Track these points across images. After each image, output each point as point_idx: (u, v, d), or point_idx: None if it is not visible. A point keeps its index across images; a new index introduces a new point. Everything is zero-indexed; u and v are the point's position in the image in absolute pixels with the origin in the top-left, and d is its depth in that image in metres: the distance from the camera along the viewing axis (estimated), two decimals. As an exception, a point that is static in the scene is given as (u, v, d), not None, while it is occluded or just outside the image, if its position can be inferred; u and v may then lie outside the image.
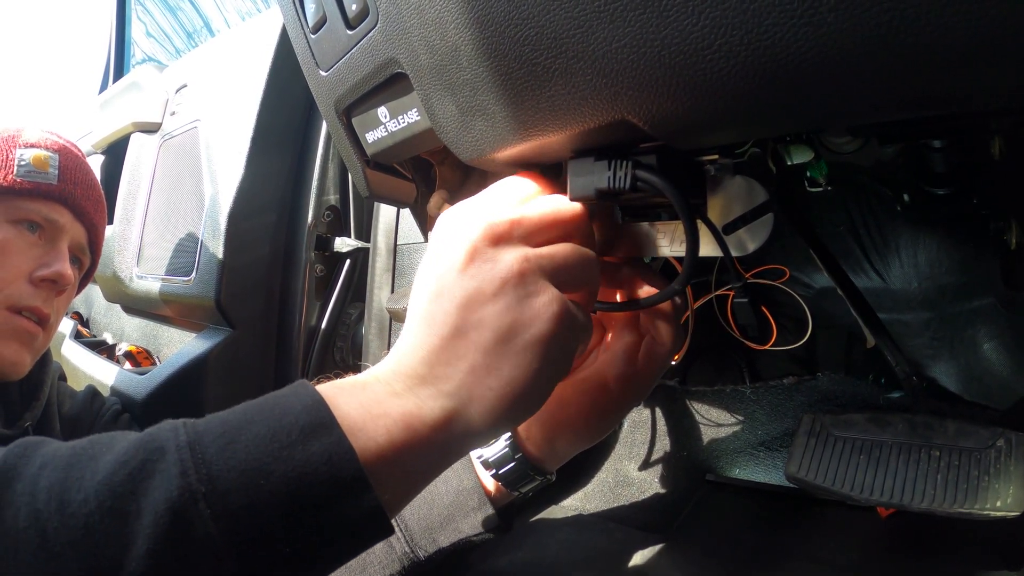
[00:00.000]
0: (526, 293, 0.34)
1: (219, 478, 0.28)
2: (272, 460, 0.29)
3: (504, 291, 0.34)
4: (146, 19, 2.20)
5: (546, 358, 0.34)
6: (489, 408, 0.33)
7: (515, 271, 0.34)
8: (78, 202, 0.81)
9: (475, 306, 0.34)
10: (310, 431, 0.30)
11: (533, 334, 0.33)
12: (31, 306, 0.75)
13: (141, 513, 0.27)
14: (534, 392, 0.34)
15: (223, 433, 0.30)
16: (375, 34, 0.42)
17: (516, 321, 0.33)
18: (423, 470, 0.34)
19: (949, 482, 0.46)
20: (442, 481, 0.50)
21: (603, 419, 0.48)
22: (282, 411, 0.31)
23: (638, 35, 0.28)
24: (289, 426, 0.30)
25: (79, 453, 0.29)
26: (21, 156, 0.77)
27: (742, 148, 0.44)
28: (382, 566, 0.49)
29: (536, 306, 0.34)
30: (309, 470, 0.29)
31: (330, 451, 0.30)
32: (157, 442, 0.29)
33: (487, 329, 0.34)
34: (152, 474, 0.28)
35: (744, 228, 0.43)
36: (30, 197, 0.77)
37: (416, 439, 0.32)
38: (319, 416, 0.31)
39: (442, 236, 0.37)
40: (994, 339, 0.59)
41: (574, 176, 0.39)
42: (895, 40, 0.23)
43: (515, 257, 0.35)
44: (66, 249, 0.80)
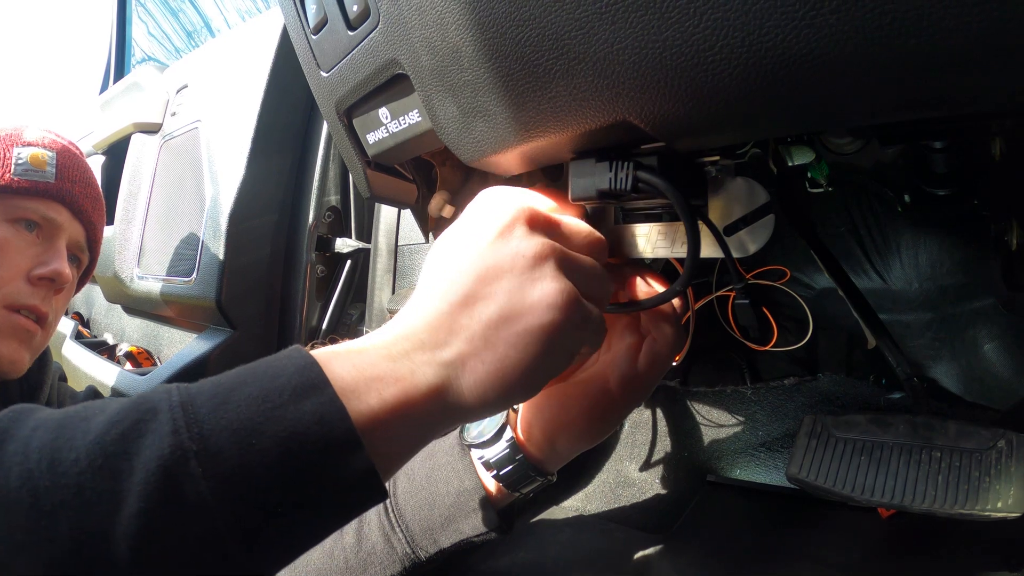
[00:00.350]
0: (541, 276, 0.34)
1: (211, 437, 0.28)
2: (264, 420, 0.29)
3: (522, 270, 0.34)
4: (147, 19, 2.21)
5: (545, 345, 0.34)
6: (479, 383, 0.33)
7: (537, 253, 0.34)
8: (76, 201, 0.81)
9: (490, 278, 0.34)
10: (302, 391, 0.30)
11: (537, 319, 0.33)
12: (29, 304, 0.75)
13: (133, 471, 0.27)
14: (526, 377, 0.34)
15: (216, 394, 0.29)
16: (376, 35, 0.42)
17: (523, 302, 0.34)
18: (413, 437, 0.34)
19: (950, 483, 0.46)
20: (443, 482, 0.50)
21: (604, 420, 0.48)
22: (275, 373, 0.31)
23: (639, 36, 0.28)
24: (281, 387, 0.30)
25: (71, 415, 0.29)
26: (19, 155, 0.77)
27: (743, 149, 0.44)
28: (383, 566, 0.49)
29: (547, 290, 0.34)
30: (300, 429, 0.29)
31: (322, 411, 0.29)
32: (150, 403, 0.29)
33: (494, 303, 0.34)
34: (144, 433, 0.28)
35: (745, 229, 0.43)
36: (28, 196, 0.77)
37: (408, 404, 0.32)
38: (311, 377, 0.30)
39: (481, 206, 0.38)
40: (995, 340, 0.59)
41: (575, 177, 0.39)
42: (896, 42, 0.23)
43: (541, 242, 0.35)
44: (64, 248, 0.80)
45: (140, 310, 1.42)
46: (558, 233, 0.37)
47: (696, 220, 0.39)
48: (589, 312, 0.36)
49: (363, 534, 0.50)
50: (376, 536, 0.50)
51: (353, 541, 0.50)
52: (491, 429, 0.49)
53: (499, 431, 0.49)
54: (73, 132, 1.98)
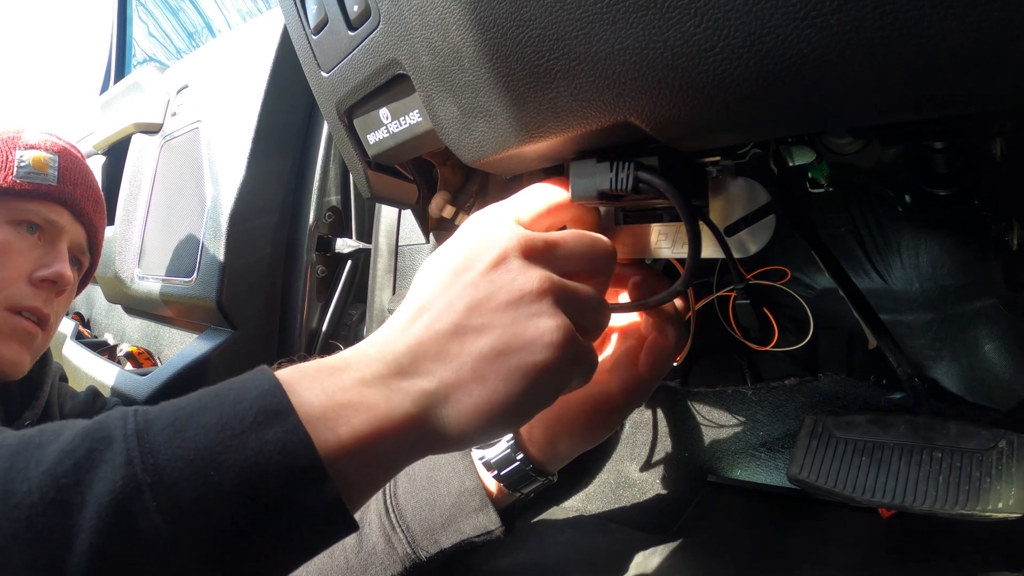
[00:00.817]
0: (538, 312, 0.33)
1: (166, 468, 0.26)
2: (223, 449, 0.27)
3: (519, 305, 0.33)
4: (147, 20, 2.21)
5: (537, 383, 0.32)
6: (464, 415, 0.32)
7: (535, 288, 0.33)
8: (77, 203, 0.82)
9: (484, 310, 0.33)
10: (264, 419, 0.28)
11: (532, 355, 0.32)
12: (31, 306, 0.75)
13: (84, 505, 0.25)
14: (515, 413, 0.33)
15: (174, 421, 0.28)
16: (377, 35, 0.42)
17: (519, 337, 0.32)
18: (385, 466, 0.33)
19: (951, 483, 0.46)
20: (444, 482, 0.50)
21: (605, 421, 0.48)
22: (236, 397, 0.29)
23: (640, 37, 0.28)
24: (243, 413, 0.28)
25: (26, 442, 0.28)
26: (21, 157, 0.77)
27: (744, 149, 0.44)
28: (384, 567, 0.49)
29: (543, 328, 0.33)
30: (262, 460, 0.27)
31: (284, 440, 0.28)
32: (104, 431, 0.28)
33: (488, 337, 0.32)
34: (97, 464, 0.26)
35: (746, 230, 0.43)
36: (30, 198, 0.77)
37: (380, 434, 0.30)
38: (275, 402, 0.29)
39: (472, 233, 0.36)
40: (996, 340, 0.59)
41: (576, 177, 0.39)
42: (897, 42, 0.23)
43: (540, 276, 0.34)
44: (66, 250, 0.81)
45: (141, 310, 1.42)
46: (556, 256, 0.36)
47: (697, 220, 0.39)
48: (584, 349, 0.35)
49: (364, 534, 0.50)
50: (377, 536, 0.50)
51: (354, 542, 0.50)
52: None
53: None
54: (74, 132, 1.98)
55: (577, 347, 0.34)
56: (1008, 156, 0.46)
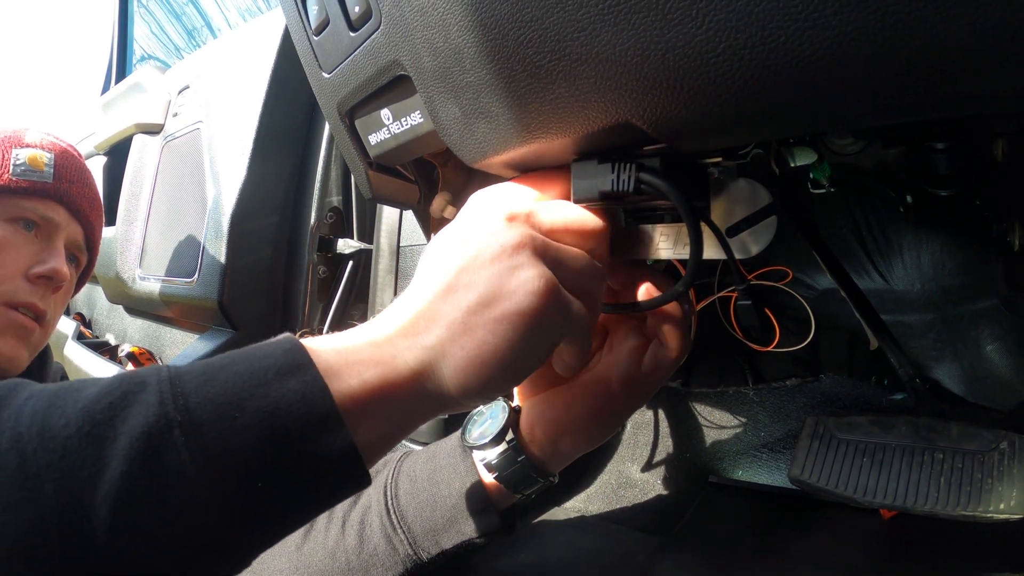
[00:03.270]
0: (518, 264, 0.35)
1: (195, 409, 0.28)
2: (248, 396, 0.29)
3: (499, 259, 0.35)
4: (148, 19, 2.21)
5: (521, 331, 0.34)
6: (458, 368, 0.34)
7: (514, 242, 0.35)
8: (74, 200, 0.82)
9: (470, 269, 0.35)
10: (287, 371, 0.31)
11: (514, 304, 0.34)
12: (27, 302, 0.76)
13: (117, 438, 0.27)
14: (504, 363, 0.34)
15: (203, 371, 0.30)
16: (378, 36, 0.42)
17: (501, 288, 0.34)
18: (395, 421, 0.34)
19: (952, 485, 0.46)
20: (445, 483, 0.50)
21: (606, 421, 0.48)
22: (262, 354, 0.32)
23: (642, 38, 0.28)
24: (267, 366, 0.31)
25: (66, 387, 0.30)
26: (17, 156, 0.78)
27: (745, 150, 0.44)
28: (385, 568, 0.49)
29: (523, 278, 0.34)
30: (283, 406, 0.30)
31: (304, 389, 0.30)
32: (140, 377, 0.30)
33: (473, 291, 0.34)
34: (132, 403, 0.28)
35: (748, 230, 0.43)
36: (26, 196, 0.78)
37: (389, 387, 0.33)
38: (296, 358, 0.31)
39: (468, 208, 0.39)
40: (997, 341, 0.59)
41: (577, 178, 0.39)
42: (899, 43, 0.23)
43: (520, 231, 0.36)
44: (62, 247, 0.81)
45: (142, 311, 1.42)
46: (540, 221, 0.38)
47: (699, 221, 0.39)
48: (569, 303, 0.36)
49: (365, 535, 0.50)
50: (378, 537, 0.50)
51: (355, 543, 0.50)
52: (493, 430, 0.49)
53: (501, 432, 0.49)
54: (75, 133, 1.99)
55: (560, 298, 0.35)
56: (1009, 157, 0.46)
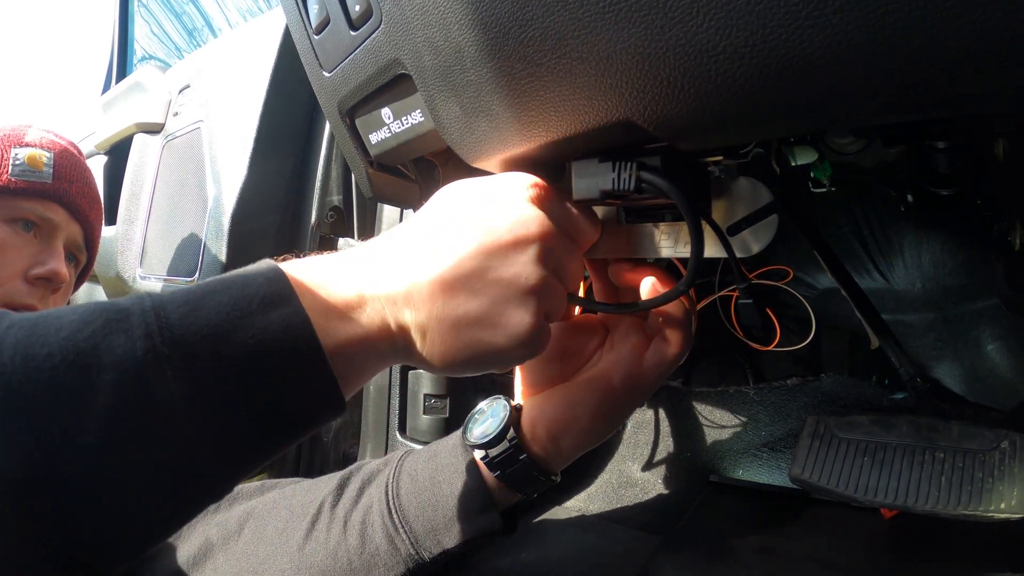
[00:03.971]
0: (523, 304, 0.36)
1: (182, 341, 0.28)
2: (233, 327, 0.30)
3: (511, 288, 0.36)
4: (148, 19, 2.21)
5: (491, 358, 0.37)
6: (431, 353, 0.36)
7: (533, 284, 0.36)
8: (73, 200, 0.82)
9: (485, 278, 0.36)
10: (270, 301, 0.31)
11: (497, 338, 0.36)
12: (27, 304, 0.76)
13: (104, 368, 0.27)
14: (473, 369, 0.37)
15: (187, 301, 0.30)
16: (379, 35, 0.42)
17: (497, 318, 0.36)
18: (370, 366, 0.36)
19: (953, 484, 0.46)
20: (447, 483, 0.50)
21: (607, 419, 0.48)
22: (244, 283, 0.32)
23: (643, 36, 0.28)
24: (250, 296, 0.31)
25: (45, 315, 0.30)
26: (16, 155, 0.78)
27: (746, 149, 0.44)
28: (387, 567, 0.49)
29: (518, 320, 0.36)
30: (268, 337, 0.30)
31: (287, 321, 0.31)
32: (119, 305, 0.29)
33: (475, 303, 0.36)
34: (116, 332, 0.28)
35: (748, 229, 0.43)
36: (25, 196, 0.78)
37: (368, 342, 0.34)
38: (279, 288, 0.32)
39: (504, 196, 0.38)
40: (998, 340, 0.59)
41: (578, 177, 0.39)
42: (899, 42, 0.23)
43: (541, 275, 0.37)
44: (61, 247, 0.81)
45: (142, 310, 1.42)
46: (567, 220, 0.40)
47: (699, 220, 0.39)
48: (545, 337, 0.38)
49: (367, 535, 0.50)
50: (380, 537, 0.50)
51: (357, 542, 0.50)
52: (494, 429, 0.49)
53: (502, 431, 0.49)
54: (76, 132, 1.98)
55: (539, 337, 0.37)
56: (1010, 156, 0.46)
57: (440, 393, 0.77)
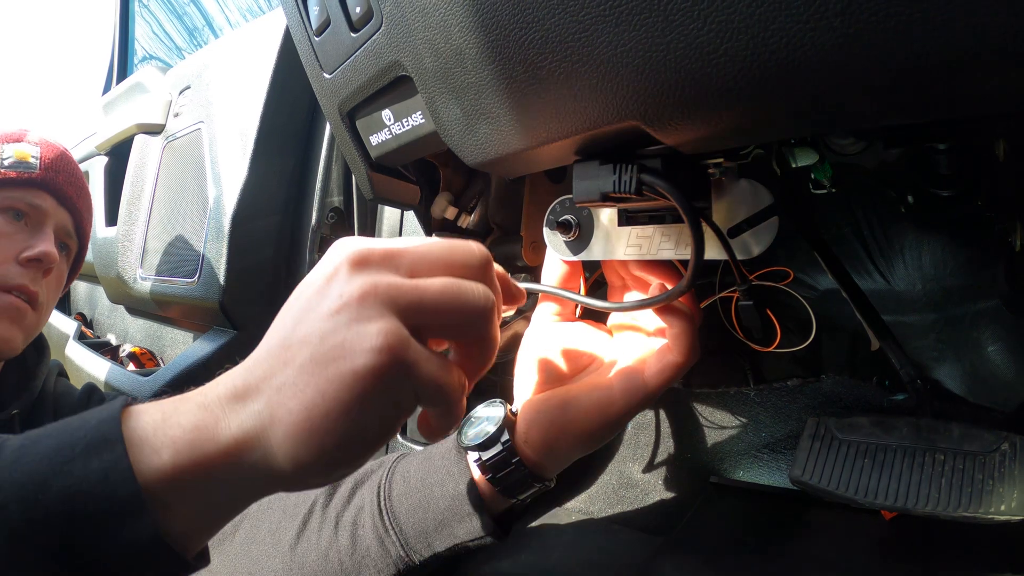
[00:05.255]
0: (358, 317, 0.30)
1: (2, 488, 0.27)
2: (53, 475, 0.27)
3: (339, 312, 0.31)
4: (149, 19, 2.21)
5: (356, 394, 0.30)
6: (287, 436, 0.30)
7: (356, 293, 0.31)
8: (60, 188, 0.87)
9: (307, 321, 0.31)
10: (94, 447, 0.28)
11: (349, 363, 0.30)
12: (19, 284, 0.80)
13: None
14: (339, 430, 0.30)
15: (21, 446, 0.29)
16: (379, 37, 0.42)
17: (337, 345, 0.30)
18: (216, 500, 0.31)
19: (953, 486, 0.46)
20: (438, 484, 0.50)
21: (605, 426, 0.48)
22: (79, 425, 0.29)
23: (643, 39, 0.28)
24: (76, 440, 0.28)
25: None
26: (4, 151, 0.83)
27: (746, 150, 0.44)
28: (377, 569, 0.49)
29: (362, 333, 0.30)
30: (85, 487, 0.27)
31: (107, 468, 0.28)
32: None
33: (307, 346, 0.31)
34: None
35: (749, 231, 0.43)
36: (14, 186, 0.83)
37: (205, 461, 0.29)
38: (107, 431, 0.29)
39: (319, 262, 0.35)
40: (999, 341, 0.59)
41: (579, 180, 0.39)
42: (900, 44, 0.23)
43: (364, 280, 0.31)
44: (51, 232, 0.85)
45: (143, 311, 1.42)
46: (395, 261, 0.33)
47: (700, 222, 0.39)
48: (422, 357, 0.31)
49: (358, 536, 0.50)
50: (370, 538, 0.50)
51: (348, 543, 0.50)
52: (488, 431, 0.49)
53: (496, 433, 0.48)
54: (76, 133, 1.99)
55: (409, 352, 0.31)
56: (1011, 157, 0.46)
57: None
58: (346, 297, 0.31)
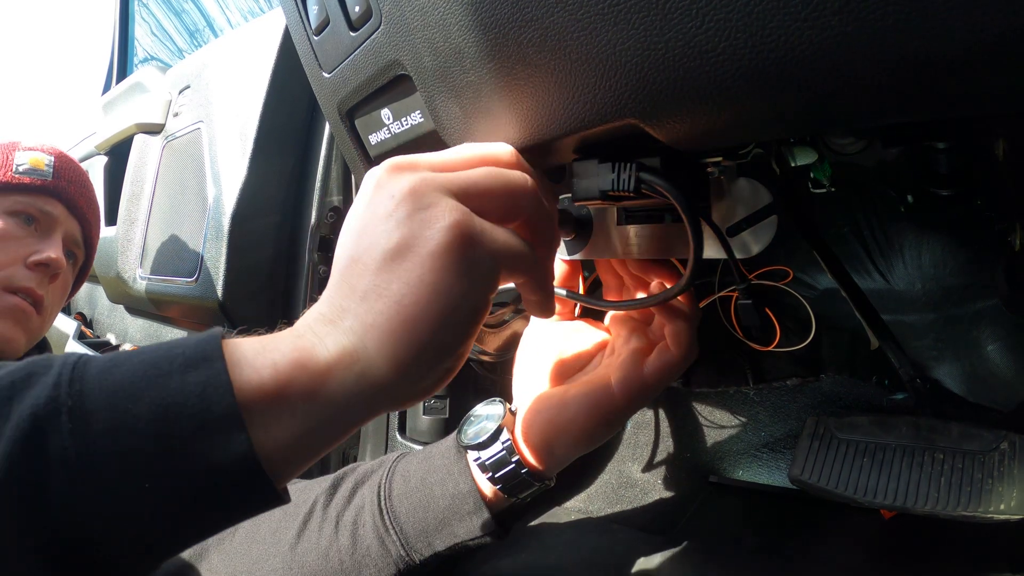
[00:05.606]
0: (417, 207, 0.31)
1: (88, 395, 0.27)
2: (146, 386, 0.27)
3: (396, 209, 0.31)
4: (149, 20, 2.21)
5: (443, 274, 0.30)
6: (383, 339, 0.30)
7: (406, 188, 0.31)
8: (72, 198, 0.88)
9: (369, 231, 0.32)
10: (192, 362, 0.28)
11: (424, 247, 0.30)
12: (25, 287, 0.81)
13: (10, 416, 0.26)
14: (434, 316, 0.30)
15: (112, 359, 0.28)
16: (378, 36, 0.42)
17: (406, 237, 0.30)
18: (317, 418, 0.30)
19: (953, 485, 0.46)
20: (438, 484, 0.50)
21: (604, 425, 0.48)
22: (175, 344, 0.29)
23: (642, 38, 0.28)
24: (173, 356, 0.28)
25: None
26: (19, 157, 0.85)
27: (745, 150, 0.44)
28: (378, 569, 0.49)
29: (426, 218, 0.31)
30: (180, 400, 0.27)
31: (205, 383, 0.27)
32: (50, 360, 0.28)
33: (376, 249, 0.31)
34: (31, 385, 0.27)
35: (748, 230, 0.43)
36: (27, 192, 0.84)
37: (306, 376, 0.29)
38: (206, 349, 0.28)
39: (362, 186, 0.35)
40: (998, 341, 0.59)
41: (578, 178, 0.39)
42: (899, 43, 0.23)
43: (411, 177, 0.32)
44: (59, 239, 0.87)
45: (143, 310, 1.42)
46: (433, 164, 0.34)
47: (699, 221, 0.39)
48: (493, 232, 0.32)
49: (358, 536, 0.50)
50: (371, 538, 0.50)
51: (348, 543, 0.50)
52: (488, 430, 0.49)
53: (496, 432, 0.49)
54: (76, 133, 1.99)
55: (475, 224, 0.31)
56: (1011, 156, 0.46)
57: (440, 394, 0.77)
58: (398, 195, 0.31)
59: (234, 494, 0.28)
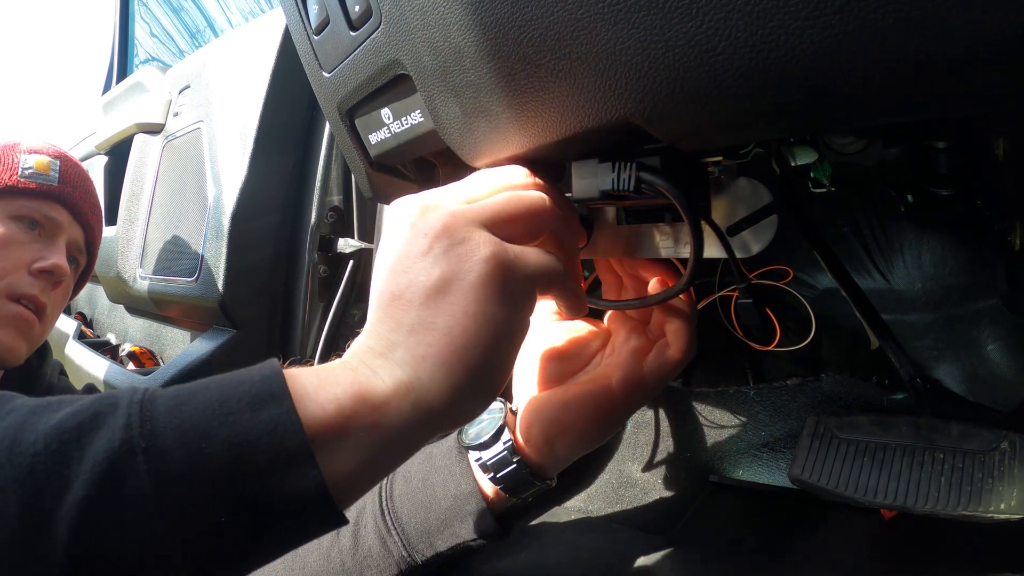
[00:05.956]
0: (452, 243, 0.33)
1: (161, 435, 0.28)
2: (217, 424, 0.28)
3: (431, 247, 0.33)
4: (149, 20, 2.21)
5: (484, 301, 0.32)
6: (437, 369, 0.32)
7: (439, 225, 0.34)
8: (76, 204, 0.87)
9: (407, 268, 0.34)
10: (261, 400, 0.29)
11: (465, 280, 0.32)
12: (29, 294, 0.80)
13: (83, 459, 0.27)
14: (483, 344, 0.32)
15: (176, 396, 0.29)
16: (378, 35, 0.42)
17: (445, 272, 0.33)
18: (378, 448, 0.32)
19: (953, 484, 0.46)
20: (440, 484, 0.50)
21: (605, 423, 0.48)
22: (239, 381, 0.30)
23: (641, 37, 0.28)
24: (241, 394, 0.29)
25: (45, 404, 0.29)
26: (25, 160, 0.83)
27: (746, 149, 0.44)
28: (379, 569, 0.49)
29: (463, 252, 0.33)
30: (252, 437, 0.28)
31: (276, 420, 0.29)
32: (113, 399, 0.29)
33: (417, 287, 0.33)
34: (101, 425, 0.28)
35: (748, 229, 0.43)
36: (32, 197, 0.82)
37: (367, 409, 0.31)
38: (273, 387, 0.30)
39: (387, 222, 0.37)
40: (998, 341, 0.59)
41: (578, 178, 0.39)
42: (899, 42, 0.23)
43: (440, 214, 0.34)
44: (63, 245, 0.86)
45: (143, 310, 1.42)
46: (458, 197, 0.37)
47: (699, 220, 0.39)
48: (525, 256, 0.35)
49: (360, 536, 0.50)
50: (372, 539, 0.50)
51: (350, 544, 0.50)
52: (489, 430, 0.49)
53: (497, 432, 0.49)
54: (76, 133, 1.99)
55: (508, 252, 0.34)
56: (1011, 156, 0.46)
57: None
58: (431, 233, 0.34)
59: (305, 523, 0.30)
